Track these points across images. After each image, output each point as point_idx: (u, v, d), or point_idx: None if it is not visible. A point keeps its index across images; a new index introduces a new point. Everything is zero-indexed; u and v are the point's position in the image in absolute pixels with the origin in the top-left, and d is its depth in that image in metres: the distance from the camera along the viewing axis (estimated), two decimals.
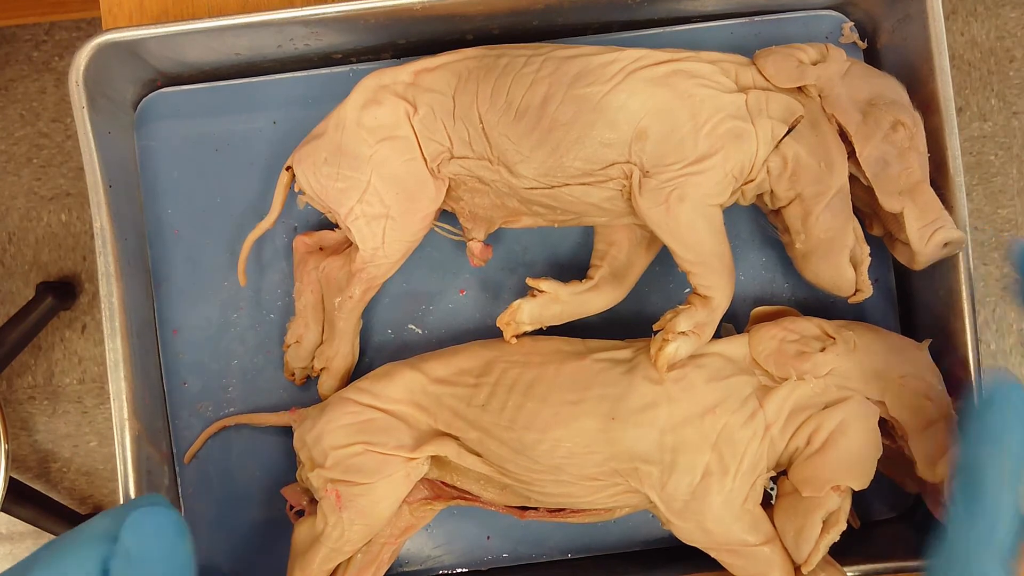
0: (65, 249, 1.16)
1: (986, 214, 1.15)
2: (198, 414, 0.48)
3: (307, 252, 0.46)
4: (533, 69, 0.41)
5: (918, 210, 0.39)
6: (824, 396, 0.39)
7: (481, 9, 0.43)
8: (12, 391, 1.16)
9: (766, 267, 0.47)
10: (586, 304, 0.44)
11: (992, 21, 1.15)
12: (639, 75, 0.40)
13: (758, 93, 0.40)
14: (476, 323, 0.48)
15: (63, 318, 1.15)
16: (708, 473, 0.39)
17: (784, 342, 0.40)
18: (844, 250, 0.40)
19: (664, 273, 0.47)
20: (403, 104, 0.42)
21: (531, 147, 0.40)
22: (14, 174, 1.16)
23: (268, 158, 0.48)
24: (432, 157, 0.42)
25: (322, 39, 0.45)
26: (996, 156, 1.15)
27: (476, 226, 0.44)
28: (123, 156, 0.47)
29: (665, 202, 0.39)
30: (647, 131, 0.40)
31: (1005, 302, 1.15)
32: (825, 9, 0.47)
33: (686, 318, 0.40)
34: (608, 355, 0.42)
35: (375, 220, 0.42)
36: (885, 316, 0.47)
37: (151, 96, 0.48)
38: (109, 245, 0.44)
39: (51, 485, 1.16)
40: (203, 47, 0.45)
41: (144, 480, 0.44)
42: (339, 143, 0.42)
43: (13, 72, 1.16)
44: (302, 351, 0.46)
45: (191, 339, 0.48)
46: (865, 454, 0.38)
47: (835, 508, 0.38)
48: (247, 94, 0.48)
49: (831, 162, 0.40)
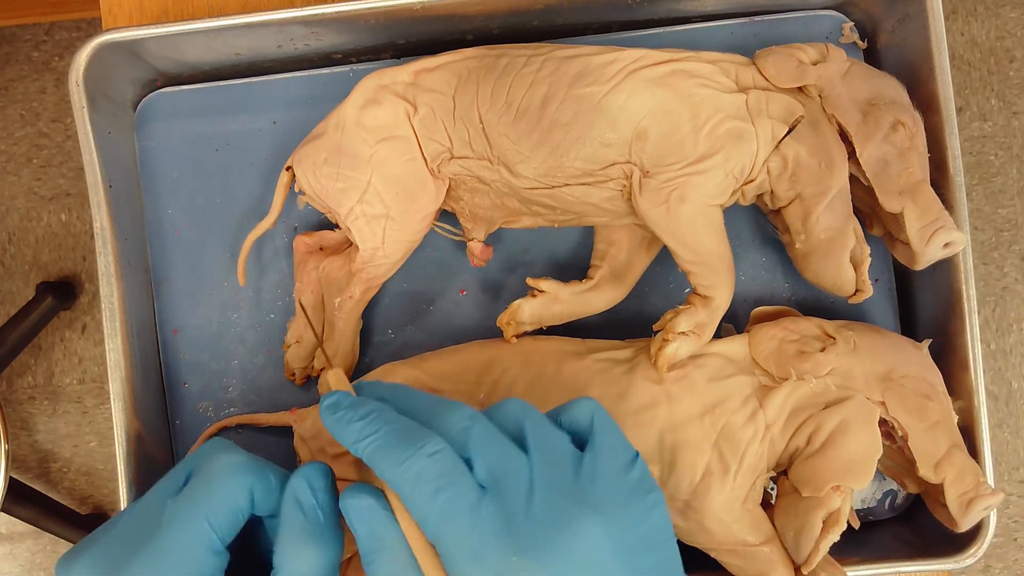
0: (65, 249, 1.16)
1: (986, 214, 1.15)
2: (198, 414, 0.48)
3: (307, 252, 0.46)
4: (533, 69, 0.41)
5: (918, 210, 0.39)
6: (824, 396, 0.39)
7: (481, 9, 0.43)
8: (12, 391, 1.16)
9: (766, 267, 0.47)
10: (586, 304, 0.44)
11: (992, 21, 1.15)
12: (639, 75, 0.40)
13: (758, 93, 0.40)
14: (476, 323, 0.48)
15: (63, 318, 1.15)
16: (708, 473, 0.39)
17: (784, 342, 0.40)
18: (844, 250, 0.40)
19: (664, 273, 0.47)
20: (403, 104, 0.42)
21: (531, 147, 0.40)
22: (14, 174, 1.16)
23: (268, 158, 0.48)
24: (432, 157, 0.42)
25: (322, 39, 0.45)
26: (996, 156, 1.15)
27: (476, 226, 0.44)
28: (123, 156, 0.47)
29: (665, 202, 0.39)
30: (647, 131, 0.40)
31: (1005, 302, 1.15)
32: (825, 9, 0.47)
33: (686, 318, 0.40)
34: (608, 355, 0.42)
35: (375, 220, 0.42)
36: (885, 316, 0.47)
37: (151, 96, 0.48)
38: (109, 245, 0.44)
39: (51, 485, 1.16)
40: (203, 47, 0.45)
41: (145, 481, 0.44)
42: (339, 143, 0.42)
43: (13, 72, 1.16)
44: (302, 351, 0.46)
45: (191, 339, 0.48)
46: (865, 454, 0.38)
47: (835, 508, 0.38)
48: (247, 94, 0.48)
49: (831, 162, 0.40)
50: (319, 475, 0.31)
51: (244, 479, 0.30)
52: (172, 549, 0.29)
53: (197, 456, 0.32)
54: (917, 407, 0.39)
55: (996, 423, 1.15)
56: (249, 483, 0.30)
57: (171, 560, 0.28)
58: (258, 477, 0.31)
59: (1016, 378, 1.16)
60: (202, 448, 0.32)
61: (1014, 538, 1.16)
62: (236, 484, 0.30)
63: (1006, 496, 1.16)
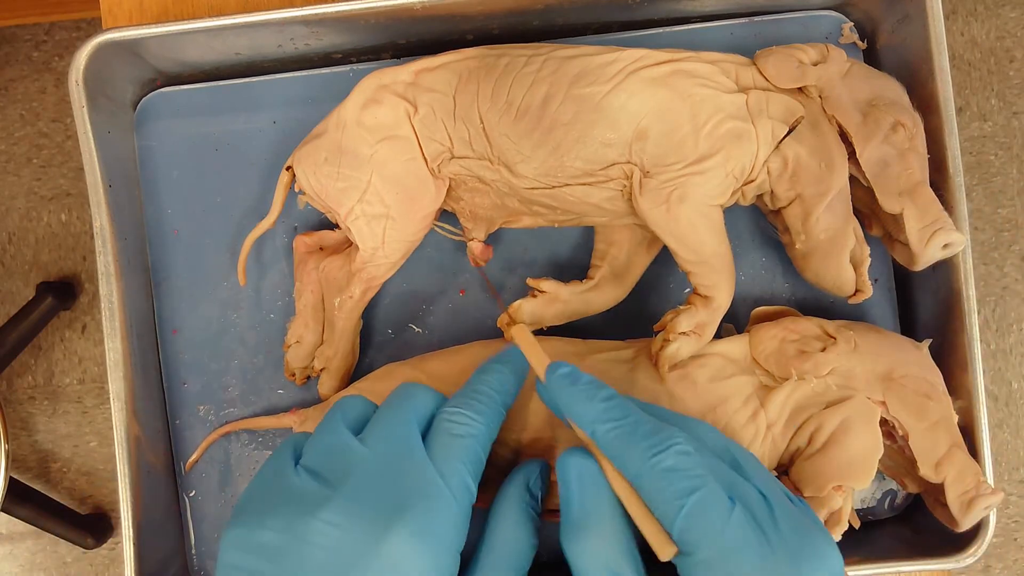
0: (65, 249, 1.16)
1: (986, 214, 1.15)
2: (198, 414, 0.48)
3: (307, 252, 0.46)
4: (534, 69, 0.41)
5: (918, 211, 0.39)
6: (825, 396, 0.39)
7: (481, 9, 0.43)
8: (12, 391, 1.16)
9: (766, 267, 0.47)
10: (587, 304, 0.44)
11: (992, 21, 1.15)
12: (639, 75, 0.40)
13: (758, 93, 0.40)
14: (476, 323, 0.48)
15: (63, 318, 1.15)
16: None
17: (785, 342, 0.40)
18: (844, 250, 0.40)
19: (664, 273, 0.47)
20: (403, 104, 0.42)
21: (532, 147, 0.40)
22: (14, 174, 1.16)
23: (268, 158, 0.48)
24: (432, 157, 0.42)
25: (322, 39, 0.45)
26: (996, 156, 1.15)
27: (476, 226, 0.44)
28: (123, 156, 0.47)
29: (666, 202, 0.39)
30: (647, 131, 0.40)
31: (1005, 302, 1.15)
32: (825, 9, 0.47)
33: (687, 318, 0.40)
34: (609, 355, 0.42)
35: (375, 220, 0.42)
36: (885, 316, 0.47)
37: (151, 96, 0.48)
38: (109, 245, 0.44)
39: (51, 485, 1.16)
40: (203, 47, 0.45)
41: (144, 480, 0.44)
42: (339, 143, 0.42)
43: (13, 72, 1.16)
44: (302, 351, 0.46)
45: (191, 339, 0.48)
46: (866, 454, 0.38)
47: (837, 508, 0.38)
48: (247, 94, 0.48)
49: (831, 163, 0.40)
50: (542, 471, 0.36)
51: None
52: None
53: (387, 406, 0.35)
54: (918, 407, 0.39)
55: (996, 423, 1.15)
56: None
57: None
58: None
59: (1016, 378, 1.16)
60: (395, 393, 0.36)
61: (1014, 538, 1.16)
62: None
63: (1006, 496, 1.16)
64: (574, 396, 0.33)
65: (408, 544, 0.29)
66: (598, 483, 0.31)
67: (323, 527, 0.29)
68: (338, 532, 0.29)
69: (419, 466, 0.31)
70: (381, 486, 0.30)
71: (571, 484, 0.32)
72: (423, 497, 0.30)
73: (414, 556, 0.29)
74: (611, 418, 0.32)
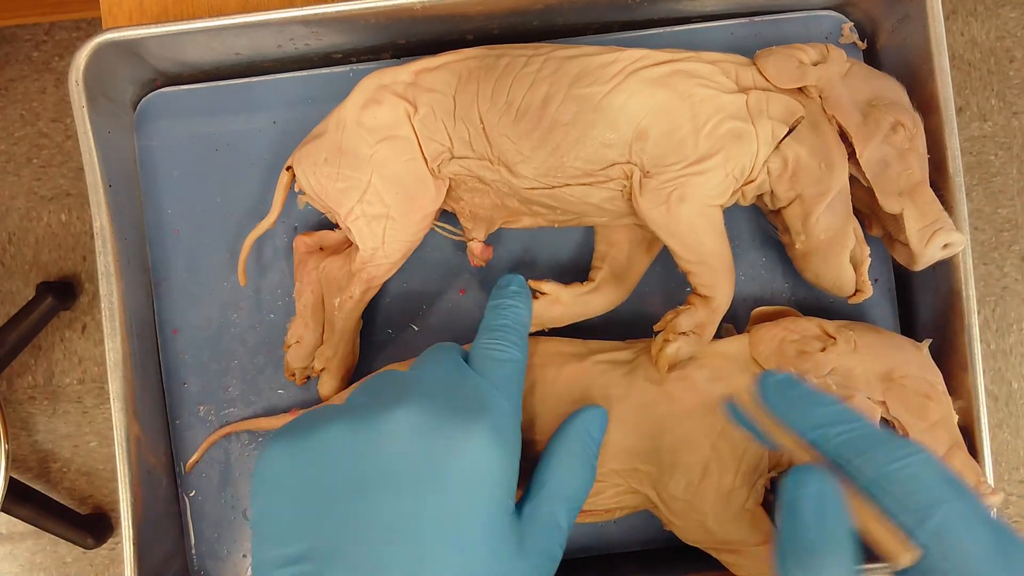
0: (65, 249, 1.16)
1: (986, 214, 1.15)
2: (198, 414, 0.48)
3: (307, 252, 0.46)
4: (534, 69, 0.41)
5: (918, 211, 0.39)
6: None
7: (481, 9, 0.43)
8: (12, 391, 1.16)
9: (766, 267, 0.47)
10: (587, 306, 0.44)
11: (992, 21, 1.15)
12: (639, 75, 0.40)
13: (758, 93, 0.40)
14: (476, 323, 0.47)
15: (63, 318, 1.15)
16: (708, 473, 0.39)
17: (785, 342, 0.40)
18: (844, 251, 0.40)
19: (664, 273, 0.47)
20: (403, 104, 0.42)
21: (532, 147, 0.40)
22: (14, 174, 1.16)
23: (268, 158, 0.48)
24: (432, 157, 0.42)
25: (322, 39, 0.45)
26: (996, 156, 1.15)
27: (476, 226, 0.44)
28: (123, 156, 0.47)
29: (666, 202, 0.39)
30: (647, 131, 0.40)
31: (1005, 302, 1.15)
32: (825, 9, 0.47)
33: (687, 318, 0.40)
34: (609, 356, 0.42)
35: (375, 220, 0.42)
36: (885, 316, 0.47)
37: (151, 96, 0.48)
38: (109, 245, 0.44)
39: (51, 485, 1.16)
40: (203, 47, 0.45)
41: (144, 481, 0.44)
42: (339, 143, 0.42)
43: (13, 72, 1.16)
44: (302, 351, 0.46)
45: (191, 339, 0.48)
46: None
47: None
48: (247, 94, 0.48)
49: (831, 163, 0.40)
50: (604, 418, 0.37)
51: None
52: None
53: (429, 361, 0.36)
54: (918, 407, 0.39)
55: (996, 423, 1.15)
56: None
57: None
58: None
59: (1016, 378, 1.16)
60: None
61: None
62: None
63: (1006, 496, 1.16)
64: (799, 402, 0.32)
65: (487, 442, 0.30)
66: (840, 508, 0.29)
67: (402, 418, 0.30)
68: (414, 430, 0.30)
69: (476, 383, 0.33)
70: (447, 396, 0.31)
71: (806, 504, 0.29)
72: (491, 404, 0.32)
73: (492, 455, 0.30)
74: (842, 421, 0.30)
